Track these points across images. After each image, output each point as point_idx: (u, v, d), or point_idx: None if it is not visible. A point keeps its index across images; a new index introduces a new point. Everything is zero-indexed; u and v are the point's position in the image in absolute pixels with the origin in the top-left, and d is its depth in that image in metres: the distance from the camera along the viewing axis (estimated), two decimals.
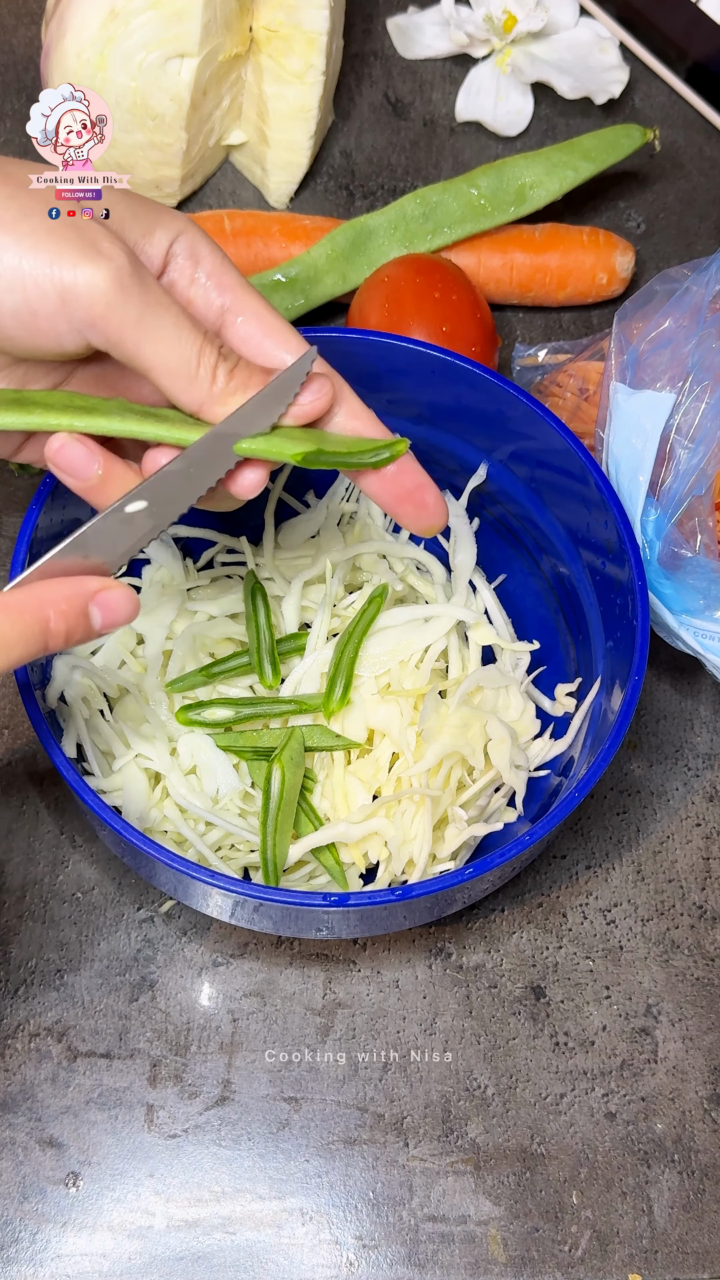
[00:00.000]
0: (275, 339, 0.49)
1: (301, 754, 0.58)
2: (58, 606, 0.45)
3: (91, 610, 0.46)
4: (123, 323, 0.45)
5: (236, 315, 0.49)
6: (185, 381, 0.47)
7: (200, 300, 0.49)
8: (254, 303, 0.49)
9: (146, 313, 0.45)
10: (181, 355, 0.46)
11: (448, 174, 0.82)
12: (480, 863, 0.51)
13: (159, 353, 0.46)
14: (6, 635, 0.44)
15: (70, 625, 0.46)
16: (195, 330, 0.47)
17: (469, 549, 0.64)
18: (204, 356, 0.47)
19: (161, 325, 0.46)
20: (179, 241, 0.48)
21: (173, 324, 0.46)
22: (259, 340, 0.49)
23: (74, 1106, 0.58)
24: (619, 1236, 0.58)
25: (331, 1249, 0.57)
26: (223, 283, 0.49)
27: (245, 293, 0.49)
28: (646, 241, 0.82)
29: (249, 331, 0.49)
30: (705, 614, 0.61)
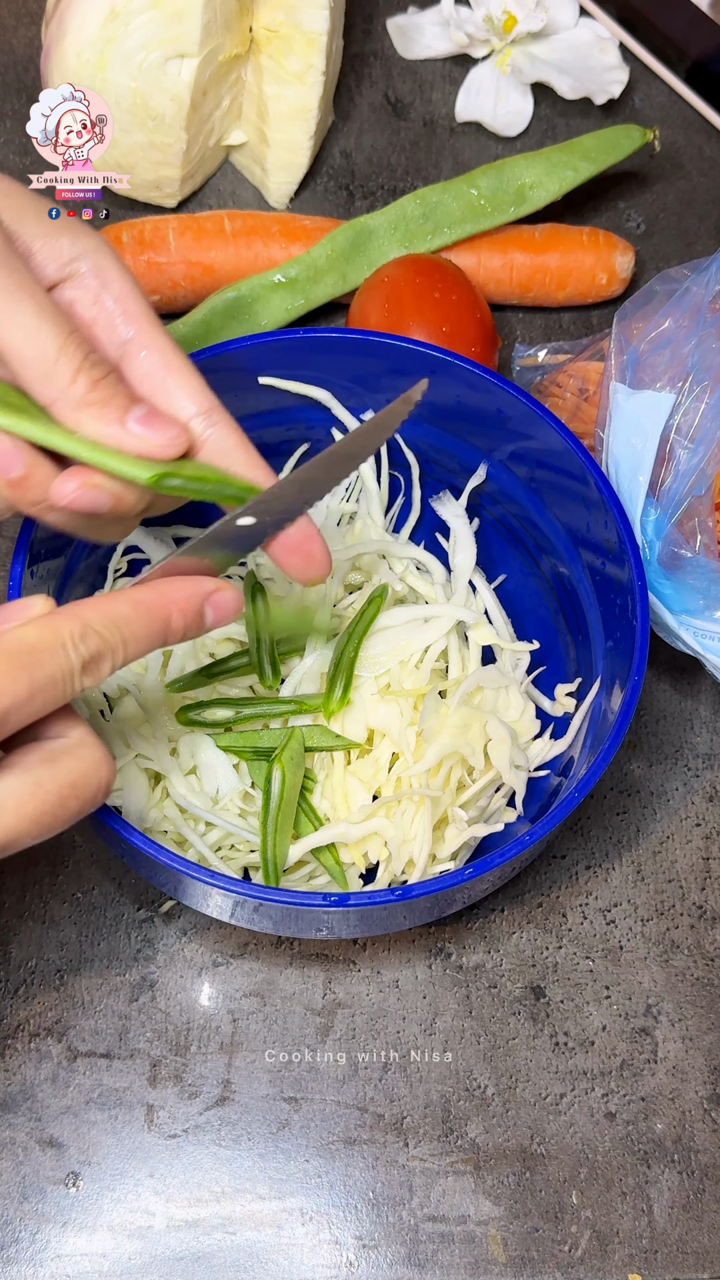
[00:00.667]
0: (178, 378, 0.49)
1: (302, 754, 0.58)
2: (180, 604, 0.48)
3: (206, 609, 0.49)
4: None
5: (140, 349, 0.48)
6: (39, 373, 0.46)
7: (103, 325, 0.48)
8: (159, 338, 0.48)
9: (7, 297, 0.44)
10: (39, 344, 0.45)
11: (448, 174, 0.82)
12: (480, 863, 0.51)
13: (13, 336, 0.45)
14: (137, 631, 0.46)
15: (189, 622, 0.48)
16: (62, 326, 0.45)
17: (469, 549, 0.64)
18: (66, 353, 0.45)
19: (21, 310, 0.45)
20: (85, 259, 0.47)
21: (34, 310, 0.45)
22: (161, 377, 0.48)
23: (74, 1106, 0.58)
24: (619, 1236, 0.58)
25: (331, 1249, 0.57)
26: (129, 311, 0.48)
27: (151, 326, 0.48)
28: (646, 241, 0.82)
29: (151, 367, 0.48)
30: (705, 614, 0.61)
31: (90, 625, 0.45)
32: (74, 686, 0.45)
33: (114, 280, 0.48)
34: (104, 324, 0.48)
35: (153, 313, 0.49)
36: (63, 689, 0.44)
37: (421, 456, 0.65)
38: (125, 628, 0.46)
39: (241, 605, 0.50)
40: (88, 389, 0.46)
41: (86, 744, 0.46)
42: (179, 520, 0.65)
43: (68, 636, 0.44)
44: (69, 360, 0.45)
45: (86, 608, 0.45)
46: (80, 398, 0.46)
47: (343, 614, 0.63)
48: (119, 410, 0.46)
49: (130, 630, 0.46)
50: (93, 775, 0.46)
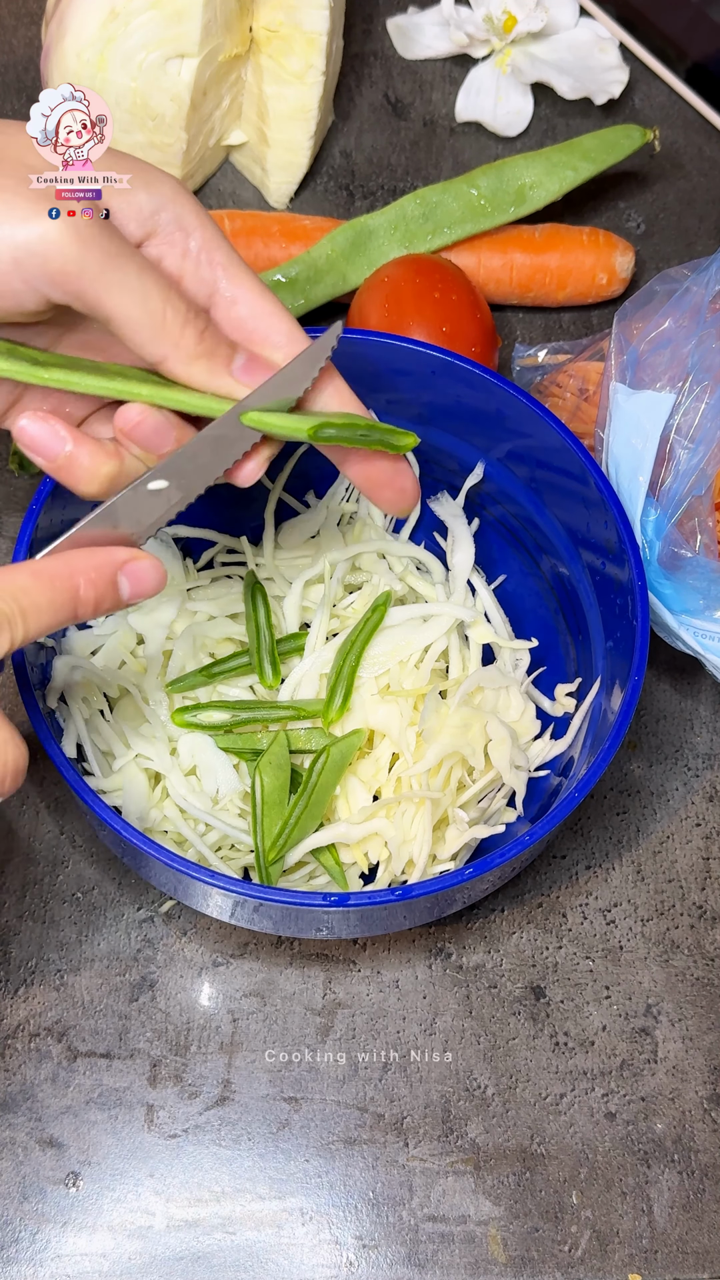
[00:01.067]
0: (271, 322, 0.48)
1: (286, 758, 0.58)
2: (88, 575, 0.46)
3: (120, 580, 0.47)
4: (82, 275, 0.44)
5: (231, 295, 0.48)
6: (150, 332, 0.45)
7: (191, 276, 0.48)
8: (249, 282, 0.48)
9: (109, 263, 0.44)
10: (147, 306, 0.45)
11: (448, 174, 0.82)
12: (480, 863, 0.51)
13: (122, 304, 0.45)
14: (38, 601, 0.45)
15: (100, 593, 0.46)
16: (159, 283, 0.45)
17: (467, 549, 0.64)
18: (170, 308, 0.45)
19: (125, 275, 0.44)
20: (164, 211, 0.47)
21: (136, 274, 0.45)
22: (254, 323, 0.48)
23: (74, 1106, 0.58)
24: (619, 1236, 0.58)
25: (331, 1249, 0.57)
26: (215, 259, 0.48)
27: (240, 272, 0.48)
28: (646, 241, 0.82)
29: (245, 313, 0.48)
30: (705, 614, 0.61)
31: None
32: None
33: (196, 229, 0.47)
34: (192, 274, 0.48)
35: (238, 256, 0.48)
36: None
37: (421, 457, 0.65)
38: (24, 598, 0.44)
39: (164, 575, 0.48)
40: (195, 342, 0.46)
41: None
42: (180, 521, 0.65)
43: None
44: (175, 316, 0.46)
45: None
46: (190, 351, 0.46)
47: (343, 614, 0.63)
48: (225, 360, 0.47)
49: (30, 601, 0.44)
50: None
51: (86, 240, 0.44)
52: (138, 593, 0.47)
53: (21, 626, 0.44)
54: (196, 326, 0.46)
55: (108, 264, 0.44)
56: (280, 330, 0.49)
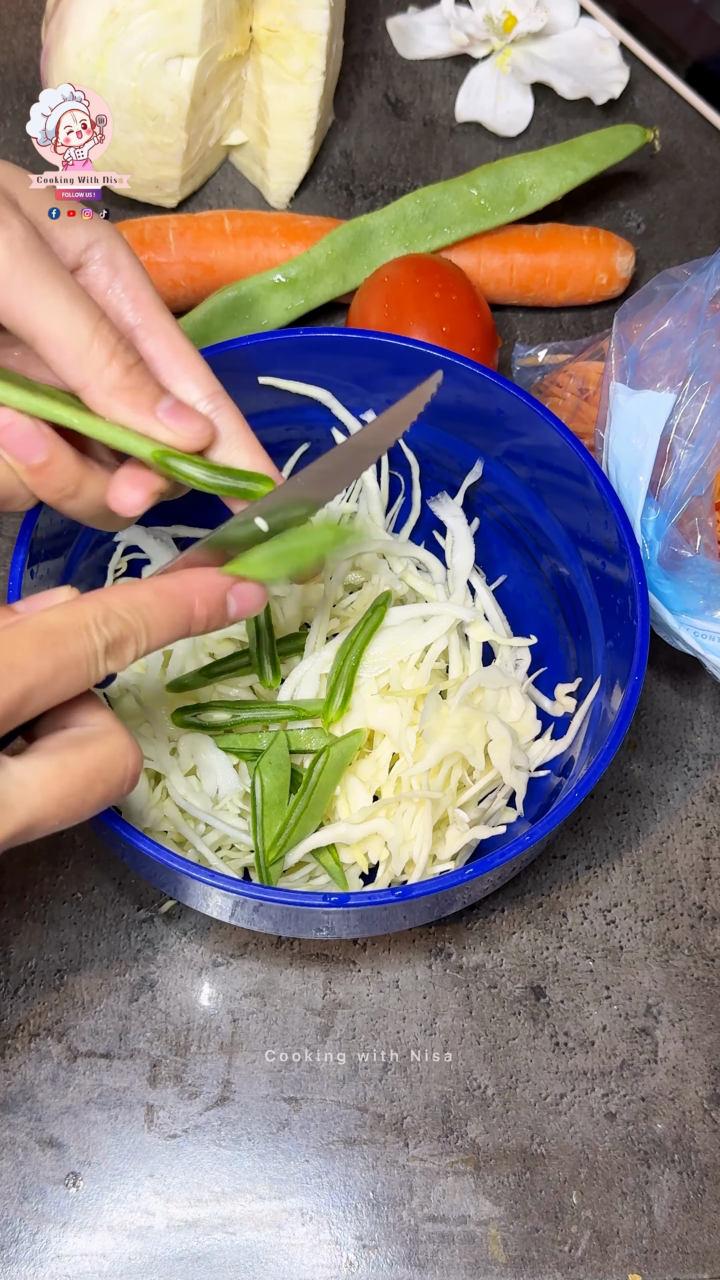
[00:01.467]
0: (183, 363, 0.49)
1: (286, 758, 0.58)
2: (202, 594, 0.48)
3: (230, 599, 0.49)
4: (9, 285, 0.44)
5: (148, 334, 0.49)
6: (73, 356, 0.46)
7: (113, 312, 0.49)
8: (166, 325, 0.49)
9: (38, 280, 0.45)
10: (72, 328, 0.46)
11: (448, 174, 0.82)
12: (480, 863, 0.51)
13: (48, 322, 0.45)
14: (159, 617, 0.47)
15: (211, 611, 0.49)
16: (94, 311, 0.46)
17: (466, 548, 0.64)
18: (99, 337, 0.46)
19: (55, 295, 0.45)
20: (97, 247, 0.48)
21: (67, 296, 0.45)
22: (167, 361, 0.49)
23: (74, 1106, 0.58)
24: (619, 1236, 0.58)
25: (331, 1249, 0.57)
26: (139, 299, 0.49)
27: (159, 313, 0.49)
28: (646, 241, 0.82)
29: (158, 352, 0.49)
30: (705, 614, 0.61)
31: (113, 609, 0.45)
32: (98, 669, 0.45)
33: (124, 268, 0.49)
34: (114, 310, 0.49)
35: (159, 301, 0.49)
36: (86, 671, 0.45)
37: (421, 457, 0.65)
38: (147, 613, 0.46)
39: (265, 598, 0.50)
40: (121, 374, 0.47)
41: (113, 730, 0.46)
42: (179, 520, 0.65)
43: (90, 619, 0.45)
44: (102, 345, 0.46)
45: (110, 593, 0.46)
46: (114, 383, 0.47)
47: (342, 614, 0.63)
48: (150, 399, 0.48)
49: (152, 615, 0.47)
50: (119, 760, 0.46)
51: (18, 254, 0.44)
52: (243, 611, 0.50)
53: (145, 639, 0.46)
54: (124, 361, 0.47)
55: (38, 280, 0.45)
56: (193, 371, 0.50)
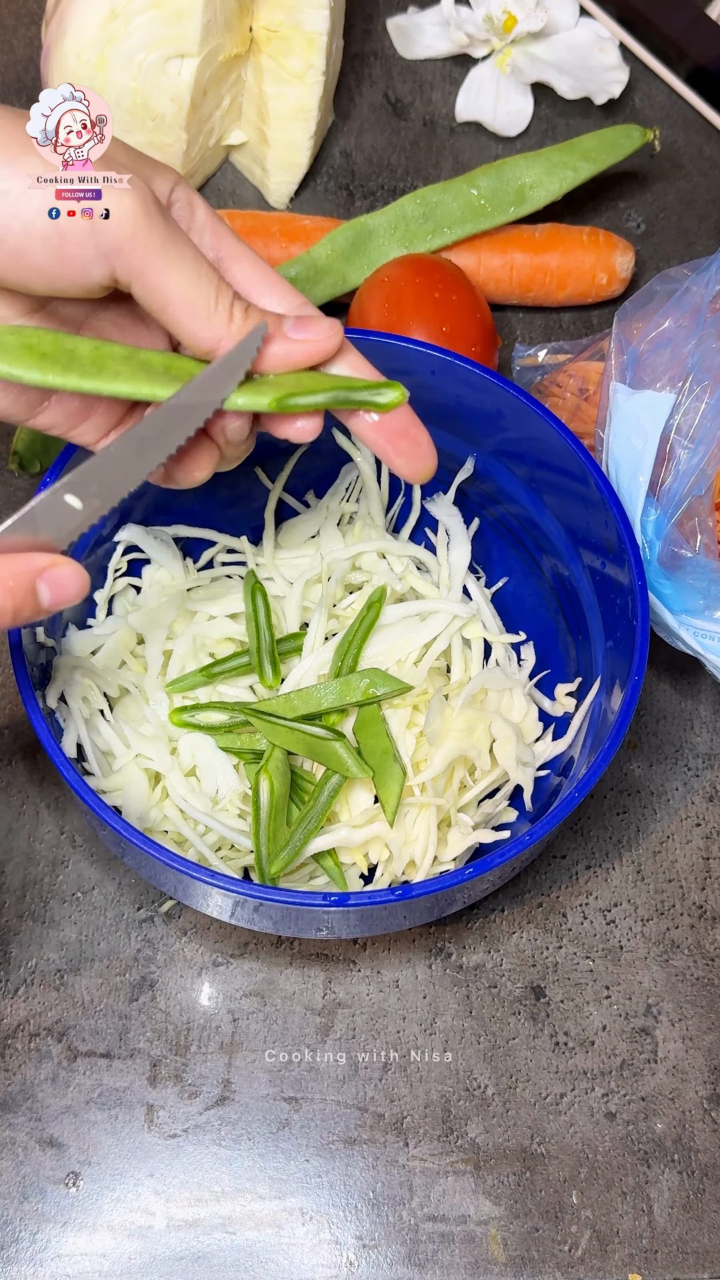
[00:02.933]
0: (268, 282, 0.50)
1: (286, 763, 0.58)
2: (4, 584, 0.45)
3: (39, 587, 0.46)
4: (148, 248, 0.45)
5: (232, 262, 0.50)
6: (204, 316, 0.47)
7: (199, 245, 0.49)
8: (246, 252, 0.50)
9: (169, 242, 0.46)
10: (201, 290, 0.47)
11: (448, 174, 0.82)
12: (480, 863, 0.51)
13: (180, 285, 0.46)
14: None
15: (18, 602, 0.45)
16: (213, 272, 0.47)
17: (463, 546, 0.64)
18: (222, 292, 0.47)
19: (183, 257, 0.46)
20: (178, 190, 0.49)
21: (193, 257, 0.47)
22: (254, 282, 0.50)
23: (74, 1106, 0.58)
24: (619, 1236, 0.58)
25: (331, 1249, 0.57)
26: (217, 231, 0.50)
27: (237, 242, 0.50)
28: (646, 241, 0.82)
29: (243, 274, 0.50)
30: (705, 614, 0.61)
31: None
32: None
33: (199, 207, 0.50)
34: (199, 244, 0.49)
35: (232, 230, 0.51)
36: None
37: None
38: None
39: (85, 581, 0.47)
40: (244, 318, 0.48)
41: None
42: (180, 521, 0.65)
43: None
44: (225, 298, 0.47)
45: None
46: (239, 329, 0.48)
47: (342, 614, 0.63)
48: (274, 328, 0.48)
49: None
50: None
51: (151, 215, 0.45)
52: (58, 599, 0.46)
53: None
54: (242, 305, 0.48)
55: (168, 243, 0.46)
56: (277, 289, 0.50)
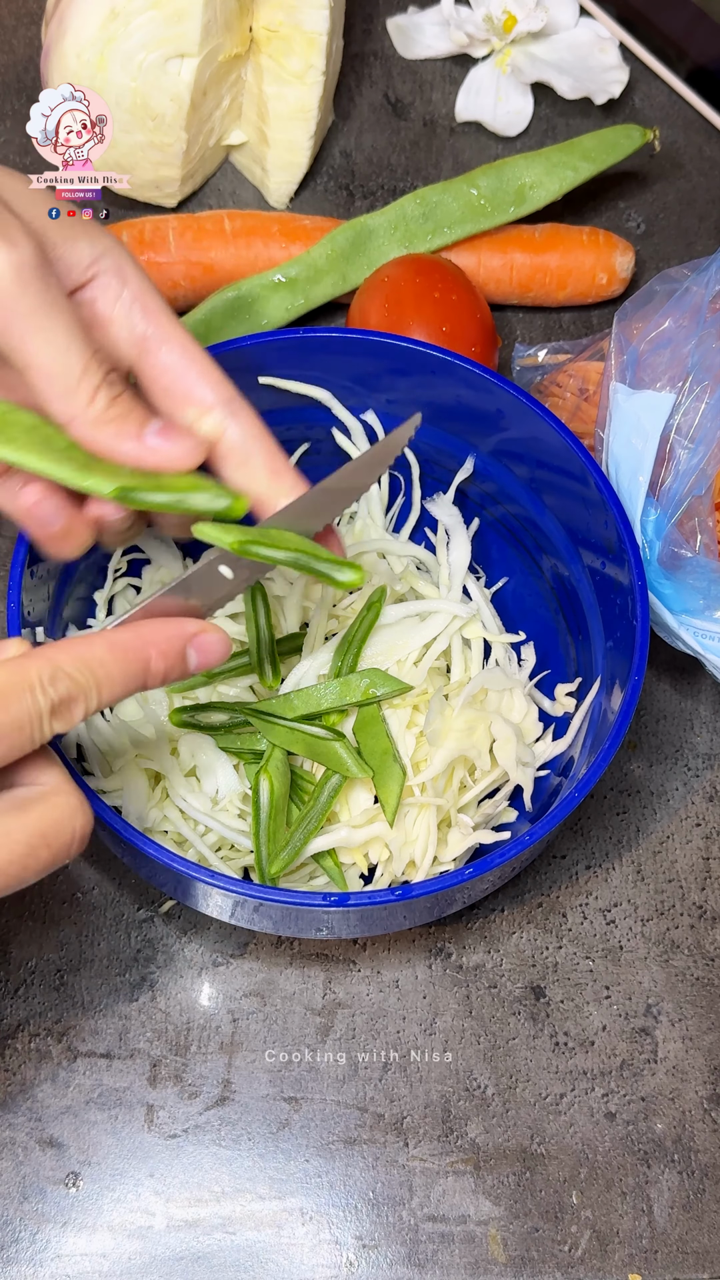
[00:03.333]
0: (198, 369, 0.49)
1: (286, 764, 0.58)
2: (159, 647, 0.47)
3: (189, 652, 0.48)
4: (13, 312, 0.44)
5: (160, 343, 0.49)
6: (62, 390, 0.46)
7: (122, 321, 0.48)
8: (178, 333, 0.49)
9: (40, 309, 0.45)
10: (66, 363, 0.45)
11: (448, 174, 0.82)
12: (480, 863, 0.51)
13: (43, 353, 0.45)
14: (112, 673, 0.46)
15: (169, 665, 0.47)
16: (88, 345, 0.46)
17: (463, 546, 0.64)
18: (89, 372, 0.46)
19: (54, 327, 0.45)
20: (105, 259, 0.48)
21: (65, 329, 0.45)
22: (181, 369, 0.49)
23: (74, 1106, 0.58)
24: (619, 1236, 0.58)
25: (331, 1249, 0.57)
26: (148, 307, 0.49)
27: (169, 321, 0.49)
28: (646, 241, 0.82)
29: (171, 360, 0.49)
30: (705, 614, 0.61)
31: (61, 668, 0.44)
32: (43, 731, 0.44)
33: (132, 278, 0.48)
34: (123, 321, 0.48)
35: (169, 308, 0.49)
36: (30, 733, 0.44)
37: (421, 457, 0.65)
38: (99, 670, 0.45)
39: (229, 647, 0.49)
40: (106, 405, 0.46)
41: (62, 791, 0.45)
42: None
43: (36, 679, 0.44)
44: (91, 379, 0.46)
45: (59, 650, 0.45)
46: (99, 414, 0.46)
47: (342, 614, 0.63)
48: (137, 425, 0.47)
49: (105, 673, 0.45)
50: (66, 824, 0.45)
51: (26, 280, 0.44)
52: (204, 664, 0.48)
53: (96, 697, 0.45)
54: (110, 393, 0.47)
55: (40, 309, 0.45)
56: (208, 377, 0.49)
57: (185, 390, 0.49)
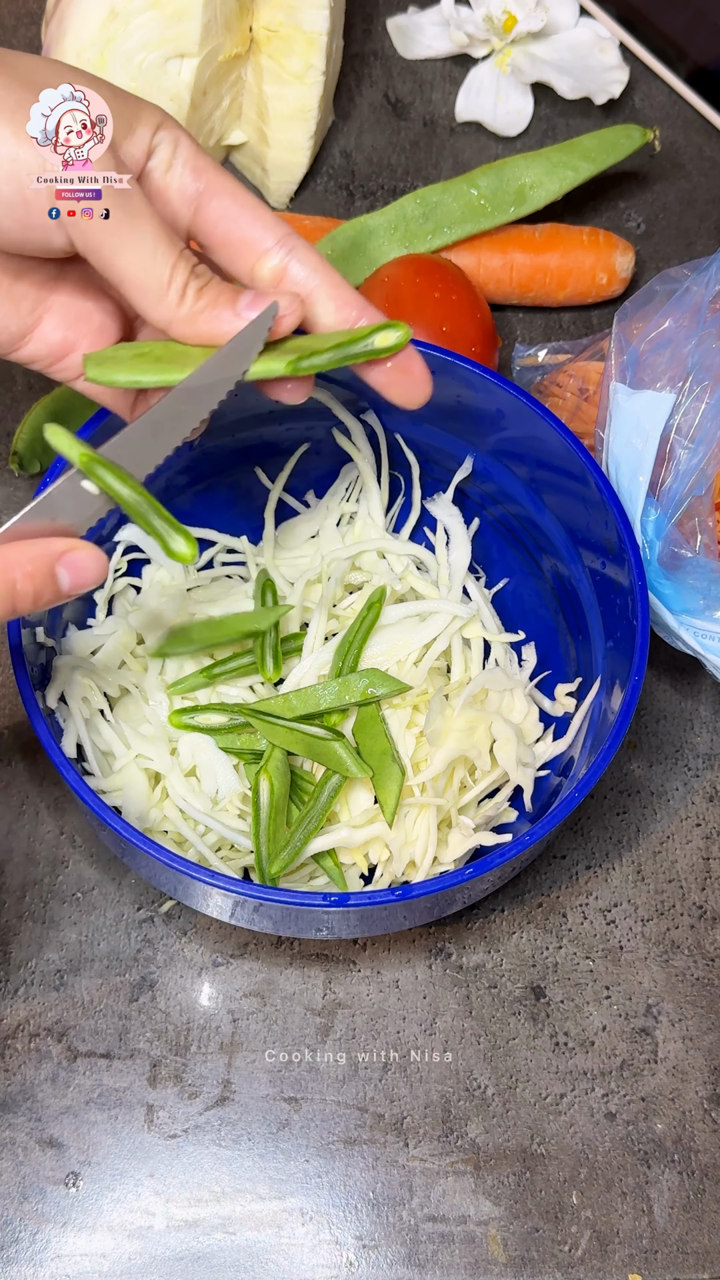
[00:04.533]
0: (252, 214, 0.49)
1: (286, 764, 0.58)
2: (24, 568, 0.46)
3: (59, 571, 0.46)
4: (102, 229, 0.45)
5: (212, 196, 0.49)
6: (155, 298, 0.47)
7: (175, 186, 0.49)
8: (228, 183, 0.50)
9: (126, 222, 0.46)
10: (155, 272, 0.46)
11: (448, 174, 0.82)
12: (480, 863, 0.51)
13: (132, 266, 0.46)
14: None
15: (38, 586, 0.46)
16: (172, 247, 0.47)
17: (463, 546, 0.64)
18: (176, 274, 0.47)
19: (140, 239, 0.46)
20: (160, 132, 0.49)
21: (151, 238, 0.46)
22: (235, 214, 0.49)
23: (74, 1106, 0.58)
24: (619, 1236, 0.58)
25: (331, 1249, 0.57)
26: (198, 166, 0.49)
27: (218, 175, 0.50)
28: (646, 241, 0.82)
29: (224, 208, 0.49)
30: (705, 614, 0.61)
31: None
32: None
33: (183, 144, 0.49)
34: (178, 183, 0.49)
35: (216, 164, 0.50)
36: None
37: (421, 457, 0.65)
38: None
39: (104, 564, 0.47)
40: (196, 297, 0.47)
41: None
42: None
43: None
44: (180, 278, 0.47)
45: None
46: (191, 310, 0.47)
47: (342, 615, 0.63)
48: (229, 305, 0.48)
49: None
50: None
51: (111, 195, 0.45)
52: (78, 583, 0.47)
53: None
54: (197, 284, 0.47)
55: (125, 222, 0.46)
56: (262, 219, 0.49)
57: (241, 236, 0.49)
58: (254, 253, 0.49)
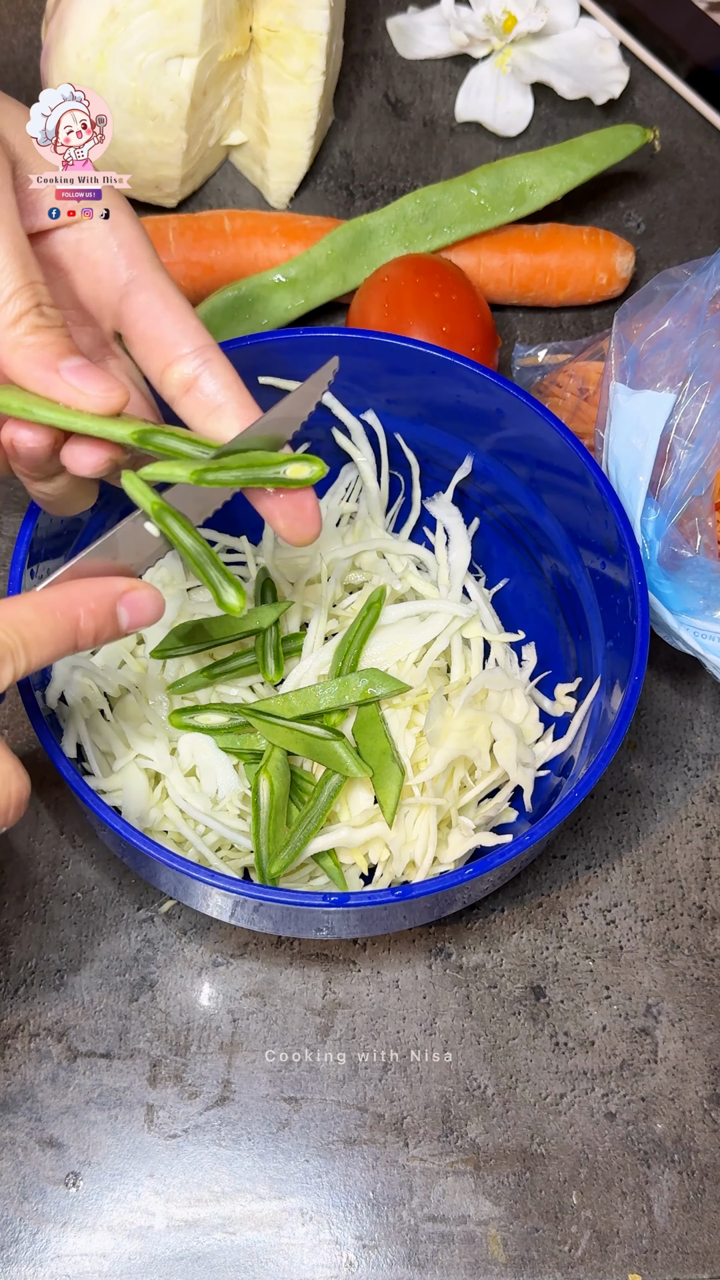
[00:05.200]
0: (174, 315, 0.49)
1: (286, 764, 0.58)
2: (88, 606, 0.47)
3: (119, 610, 0.47)
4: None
5: (139, 289, 0.49)
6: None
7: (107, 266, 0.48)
8: (159, 280, 0.49)
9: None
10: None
11: (448, 174, 0.82)
12: (480, 863, 0.51)
13: None
14: (39, 634, 0.45)
15: (99, 624, 0.47)
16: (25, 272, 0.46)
17: (463, 546, 0.64)
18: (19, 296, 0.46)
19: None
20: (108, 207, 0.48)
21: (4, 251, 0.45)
22: (158, 313, 0.49)
23: (74, 1106, 0.58)
24: (619, 1236, 0.58)
25: (331, 1249, 0.57)
26: (134, 255, 0.49)
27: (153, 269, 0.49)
28: (646, 241, 0.82)
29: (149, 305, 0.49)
30: (705, 614, 0.61)
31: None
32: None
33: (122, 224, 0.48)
34: (108, 265, 0.49)
35: (156, 258, 0.49)
36: None
37: (421, 457, 0.65)
38: (26, 630, 0.45)
39: (162, 604, 0.48)
40: (26, 332, 0.46)
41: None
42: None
43: None
44: (19, 303, 0.45)
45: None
46: (15, 339, 0.46)
47: (342, 615, 0.63)
48: (54, 356, 0.46)
49: (32, 633, 0.45)
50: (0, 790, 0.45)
51: None
52: (137, 622, 0.48)
53: (24, 658, 0.45)
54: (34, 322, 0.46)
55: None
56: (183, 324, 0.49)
57: (160, 335, 0.49)
58: (169, 356, 0.49)
